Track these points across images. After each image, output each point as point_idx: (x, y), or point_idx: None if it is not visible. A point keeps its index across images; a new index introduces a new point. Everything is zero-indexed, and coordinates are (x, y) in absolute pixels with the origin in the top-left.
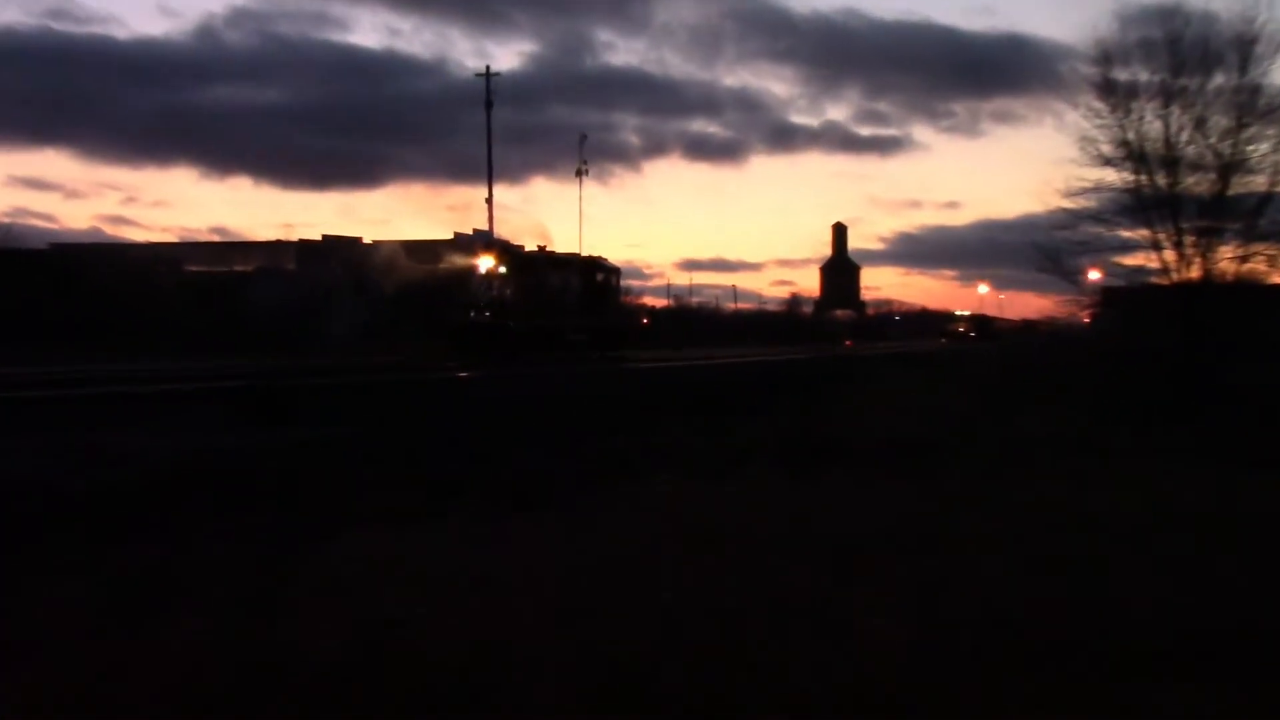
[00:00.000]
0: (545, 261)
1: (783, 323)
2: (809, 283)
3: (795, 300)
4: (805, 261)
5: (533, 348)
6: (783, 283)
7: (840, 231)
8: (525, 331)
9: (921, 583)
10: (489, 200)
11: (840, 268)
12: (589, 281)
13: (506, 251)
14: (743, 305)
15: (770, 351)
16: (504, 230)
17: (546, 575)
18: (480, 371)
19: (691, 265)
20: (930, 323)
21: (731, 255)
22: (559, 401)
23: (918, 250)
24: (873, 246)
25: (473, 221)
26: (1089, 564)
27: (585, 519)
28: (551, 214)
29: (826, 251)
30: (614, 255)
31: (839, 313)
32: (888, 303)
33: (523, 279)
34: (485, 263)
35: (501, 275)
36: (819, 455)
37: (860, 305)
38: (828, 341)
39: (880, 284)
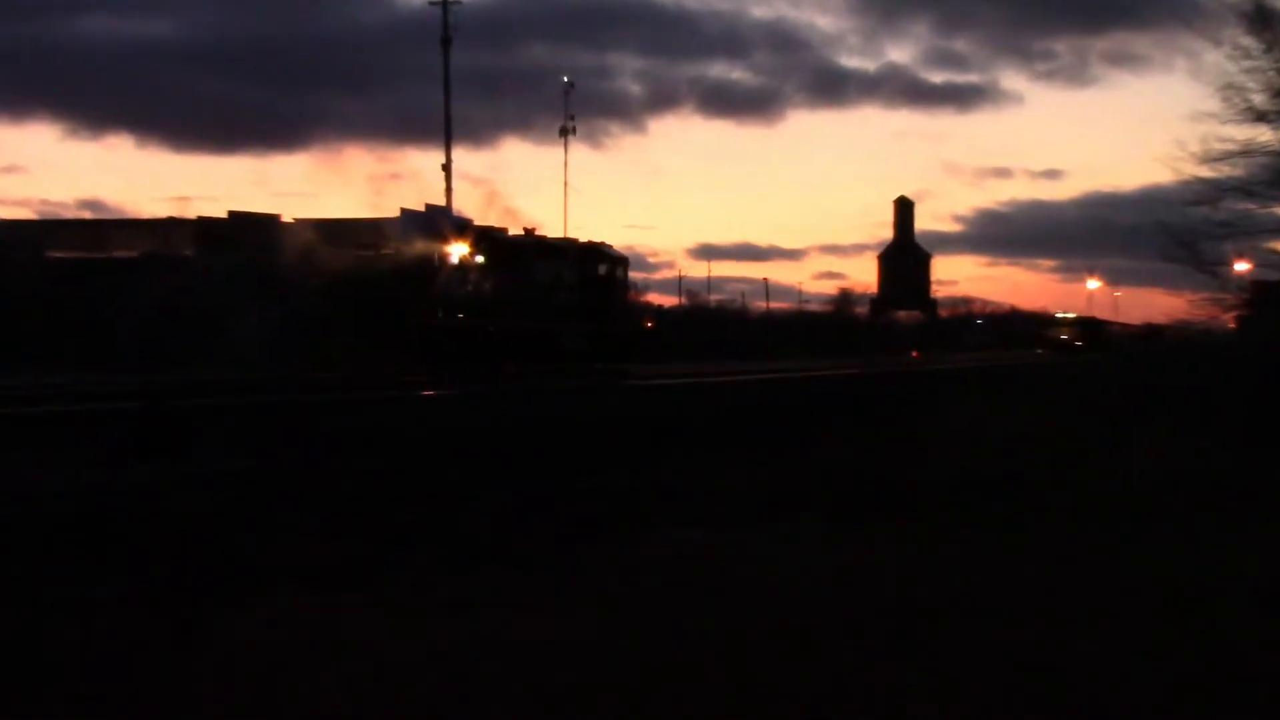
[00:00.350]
0: (534, 249)
1: (830, 327)
2: (863, 275)
3: (845, 298)
4: (858, 248)
5: (518, 357)
6: (829, 275)
7: (904, 209)
8: (508, 337)
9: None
10: (446, 167)
11: (904, 256)
12: (589, 275)
13: (486, 237)
14: (777, 305)
15: (814, 366)
16: (465, 207)
17: (515, 660)
18: (451, 389)
19: (710, 252)
20: (1023, 327)
21: (762, 240)
22: (549, 427)
23: (1006, 233)
24: (946, 228)
25: (425, 195)
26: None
27: (571, 581)
28: (528, 185)
29: (887, 234)
30: (610, 240)
31: (902, 314)
32: (966, 301)
33: (506, 272)
34: (457, 251)
35: (479, 267)
36: (873, 499)
37: (931, 305)
38: (887, 353)
39: (957, 276)
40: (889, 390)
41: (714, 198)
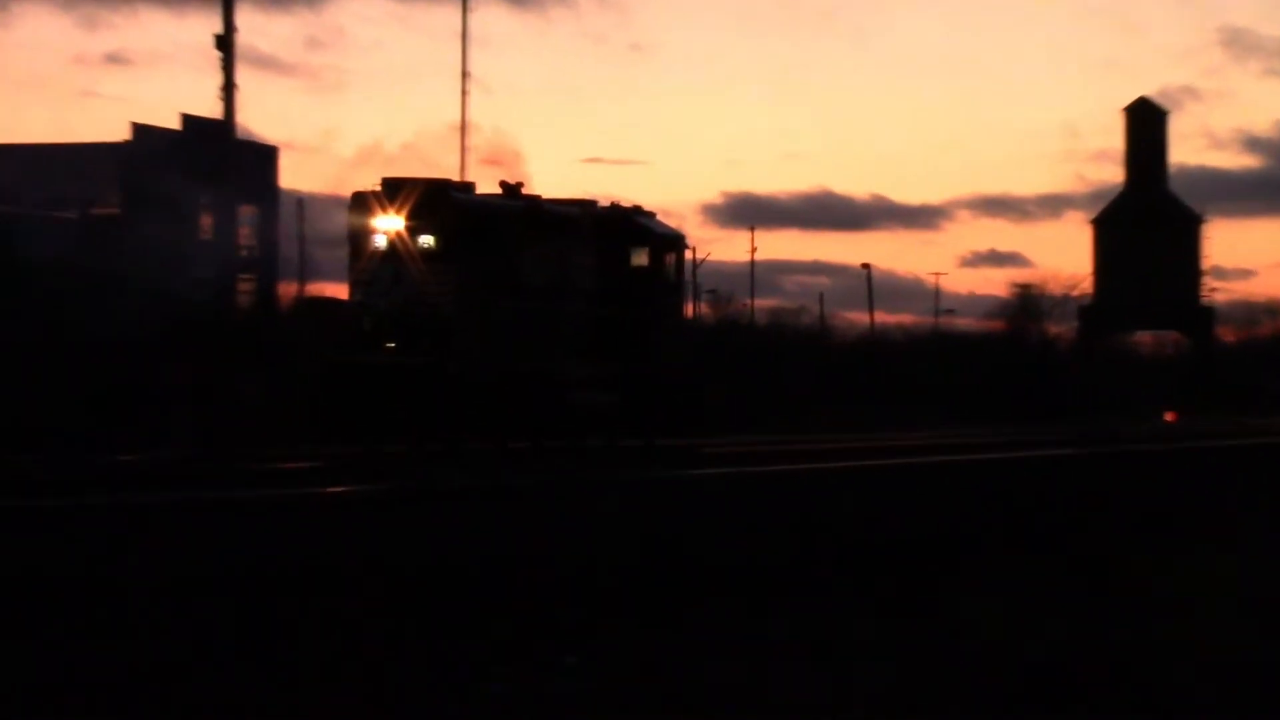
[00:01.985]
0: (523, 222)
1: (997, 362)
2: (1059, 257)
3: (1028, 304)
4: (1049, 204)
5: (494, 421)
6: (991, 257)
7: (1146, 124)
8: (477, 386)
9: None
10: (224, 41)
11: (1147, 221)
12: (616, 268)
13: (437, 201)
14: (890, 317)
15: (963, 439)
16: (266, 122)
17: None
18: (356, 481)
19: (747, 212)
20: None
21: (851, 187)
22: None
23: None
24: (1230, 163)
25: (185, 97)
26: None
27: None
28: (381, 73)
29: (1111, 177)
30: (552, 187)
31: (1146, 336)
32: (1274, 309)
33: (474, 266)
34: (385, 224)
35: (426, 258)
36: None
37: (1202, 317)
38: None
39: (1254, 259)
40: (1114, 491)
41: (754, 110)
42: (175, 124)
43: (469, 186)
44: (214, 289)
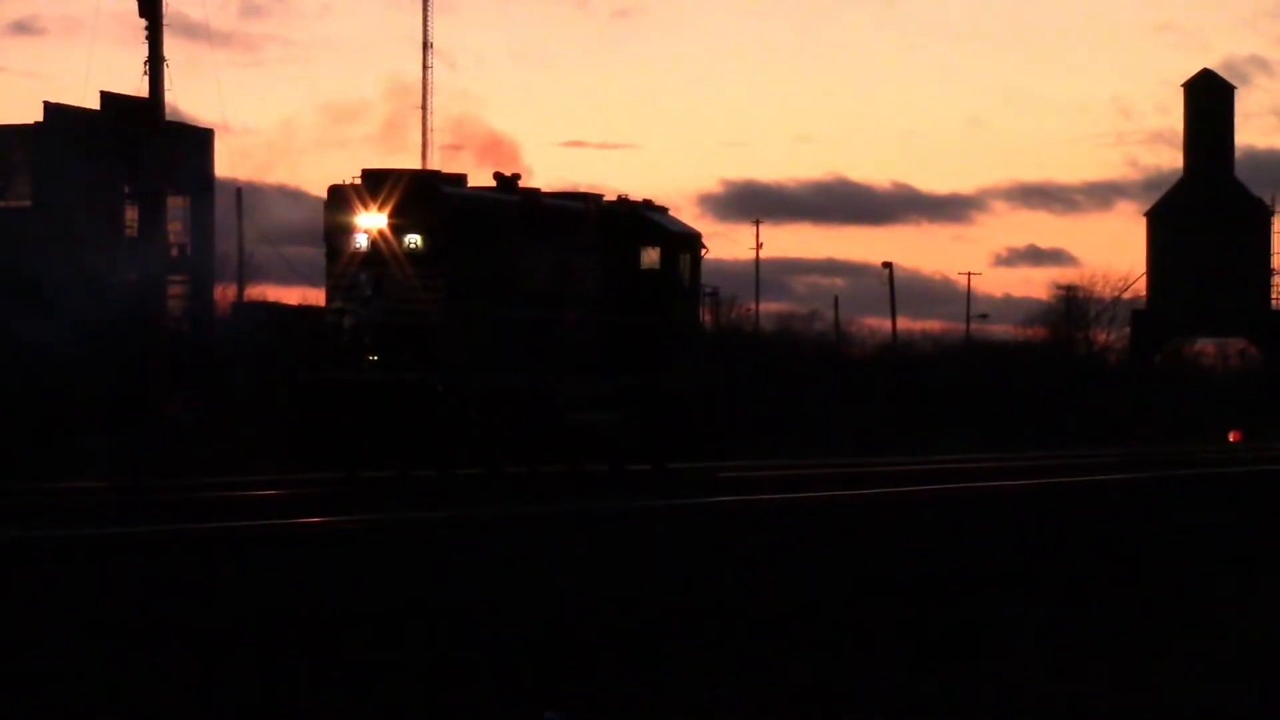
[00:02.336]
0: (521, 218)
1: (1041, 375)
2: (1110, 255)
3: (1073, 308)
4: (1098, 194)
5: (485, 443)
6: (1030, 253)
7: (1210, 101)
8: (468, 405)
9: None
10: (150, 7)
11: (1211, 214)
12: (626, 270)
13: (428, 195)
14: (914, 323)
15: (1000, 462)
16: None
17: None
18: (337, 513)
19: (751, 202)
20: None
21: (868, 173)
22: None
23: None
24: None
25: (99, 74)
26: None
27: None
28: (338, 42)
29: (1169, 163)
30: (541, 173)
31: (1209, 346)
32: None
33: (467, 270)
34: (366, 222)
35: (412, 260)
36: None
37: (1275, 324)
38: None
39: None
40: (1174, 522)
41: (758, 86)
42: (94, 103)
43: (460, 179)
44: (140, 292)
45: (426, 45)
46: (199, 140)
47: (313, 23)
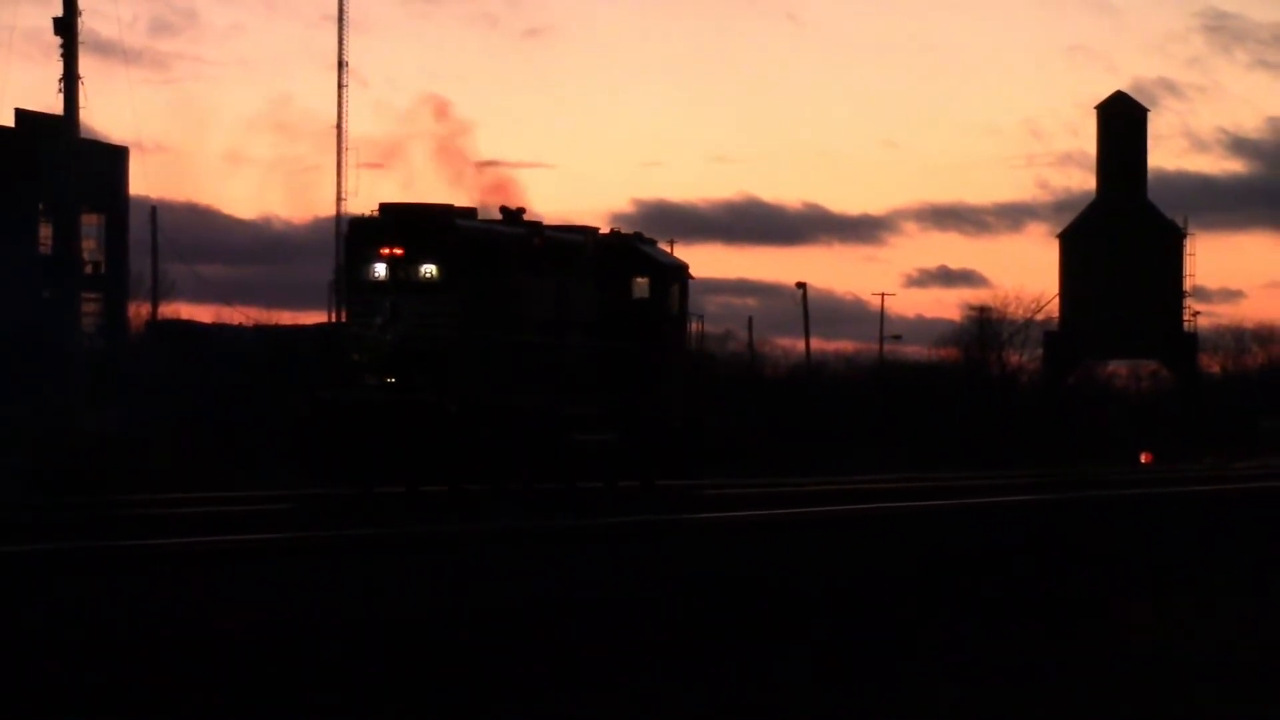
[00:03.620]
0: (526, 251)
1: (954, 396)
2: (1022, 277)
3: (985, 330)
4: (1010, 216)
5: (494, 463)
6: (942, 274)
7: (1122, 124)
8: (480, 425)
9: None
10: (67, 43)
11: (1123, 236)
12: (618, 300)
13: (443, 227)
14: (827, 344)
15: (914, 483)
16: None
17: None
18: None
19: (668, 222)
20: None
21: (780, 195)
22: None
23: None
24: (1216, 167)
25: (35, 97)
26: None
27: None
28: (244, 60)
29: (1081, 186)
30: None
31: (1121, 367)
32: (1268, 336)
33: (478, 296)
34: (385, 252)
35: (425, 288)
36: None
37: (1185, 345)
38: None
39: (1242, 279)
40: (1088, 543)
41: (671, 106)
42: (8, 120)
43: (471, 212)
44: (53, 309)
45: (342, 64)
46: (113, 157)
47: (224, 41)
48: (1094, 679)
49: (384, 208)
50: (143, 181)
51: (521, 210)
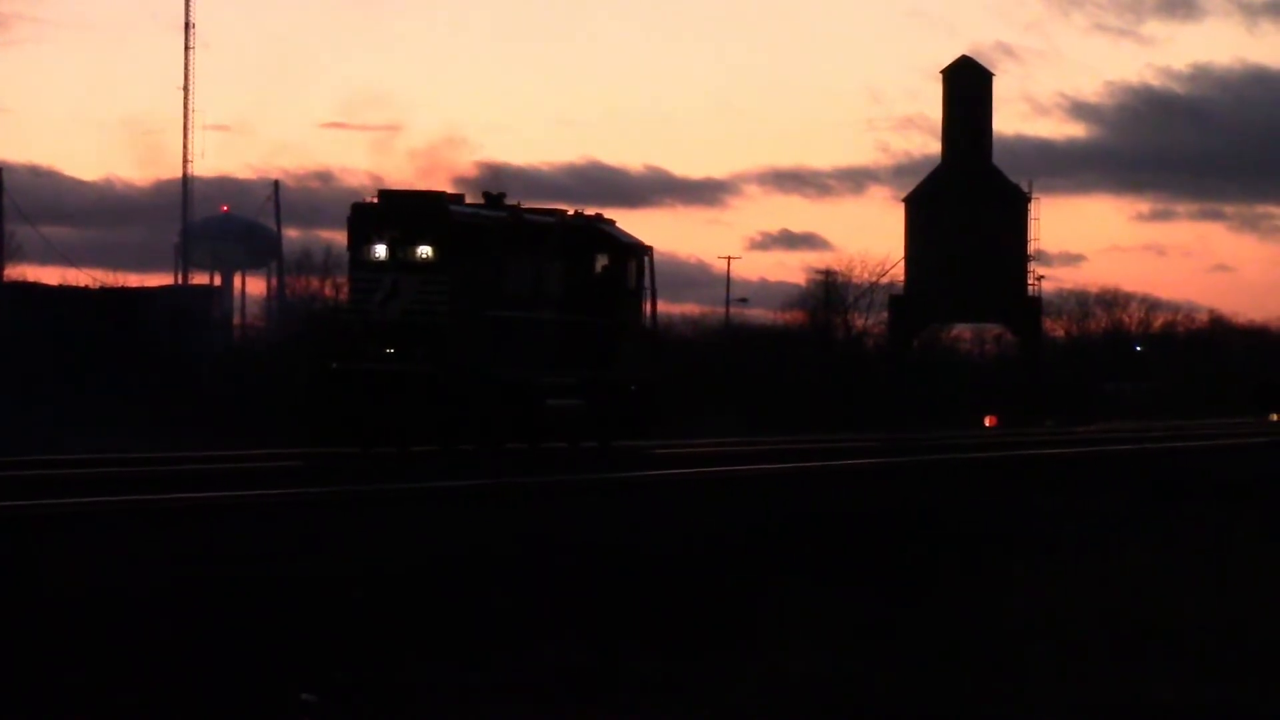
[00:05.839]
0: (507, 234)
1: (800, 361)
2: (870, 241)
3: (830, 294)
4: (853, 180)
5: (481, 428)
6: (784, 239)
7: (967, 87)
8: (472, 394)
9: None
10: None
11: (969, 201)
12: (584, 278)
13: (435, 212)
14: (670, 307)
15: (759, 448)
16: None
17: None
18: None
19: (506, 184)
20: (1238, 362)
21: (622, 158)
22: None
23: (1194, 144)
24: (1057, 131)
25: None
26: None
27: None
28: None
29: (927, 150)
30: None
31: (966, 331)
32: (1108, 300)
33: (468, 276)
34: (384, 235)
35: (422, 268)
36: None
37: (1029, 310)
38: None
39: (1084, 244)
40: (933, 507)
41: (513, 68)
42: None
43: (460, 198)
44: None
45: (188, 26)
46: None
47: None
48: (935, 638)
49: (383, 194)
50: None
51: (502, 195)
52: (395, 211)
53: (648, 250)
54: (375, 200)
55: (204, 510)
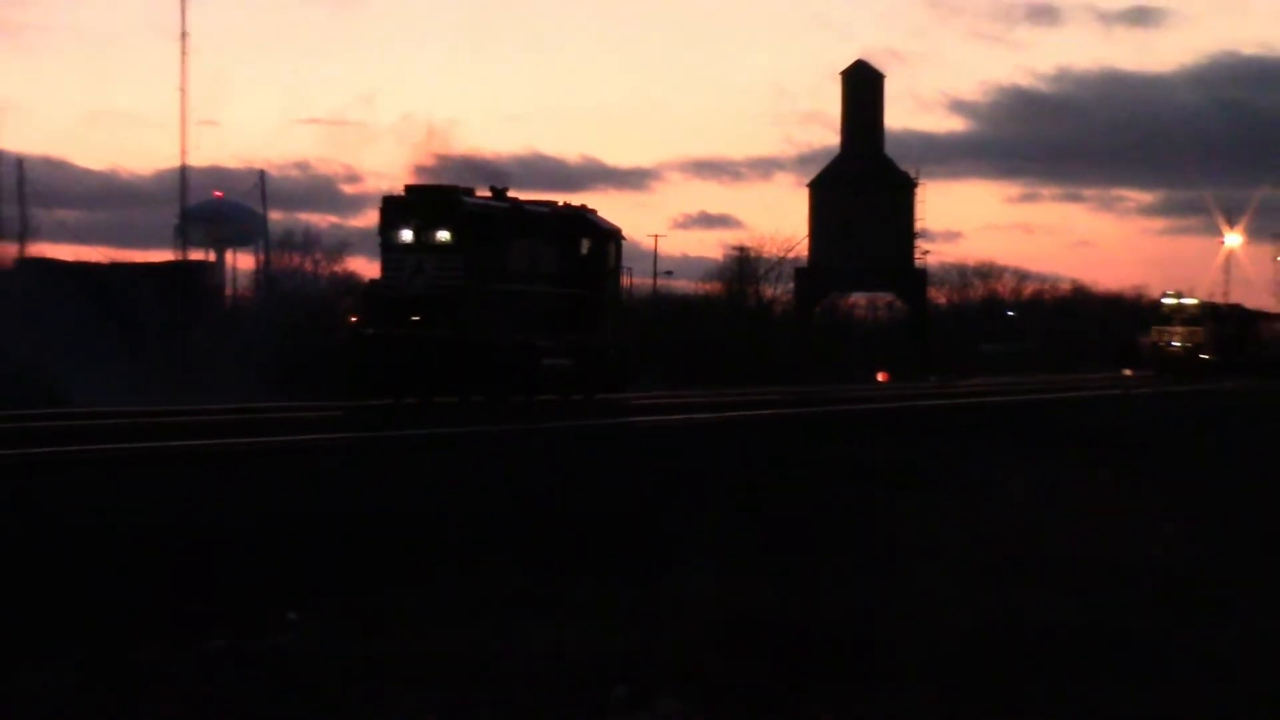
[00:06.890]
0: (512, 220)
1: (716, 326)
2: (776, 221)
3: (744, 267)
4: (762, 167)
5: (488, 383)
6: (703, 219)
7: (863, 87)
8: (484, 355)
9: None
10: None
11: (863, 186)
12: (572, 258)
13: (453, 201)
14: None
15: (676, 400)
16: None
17: None
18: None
19: (463, 173)
20: (1095, 324)
21: (559, 147)
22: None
23: (1058, 135)
24: (941, 126)
25: None
26: None
27: None
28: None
29: (827, 142)
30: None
31: (860, 299)
32: (984, 272)
33: (478, 255)
34: (410, 223)
35: (441, 249)
36: (810, 669)
37: (916, 280)
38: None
39: (963, 222)
40: (827, 454)
41: (466, 65)
42: None
43: (471, 191)
44: None
45: (184, 35)
46: None
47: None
48: (836, 564)
49: (409, 188)
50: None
51: (505, 189)
52: (419, 202)
53: (621, 235)
54: (403, 193)
55: (265, 453)
